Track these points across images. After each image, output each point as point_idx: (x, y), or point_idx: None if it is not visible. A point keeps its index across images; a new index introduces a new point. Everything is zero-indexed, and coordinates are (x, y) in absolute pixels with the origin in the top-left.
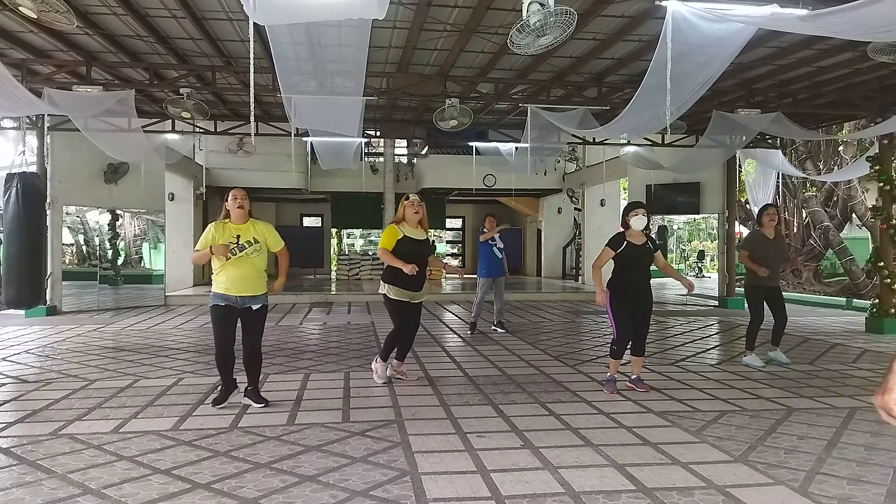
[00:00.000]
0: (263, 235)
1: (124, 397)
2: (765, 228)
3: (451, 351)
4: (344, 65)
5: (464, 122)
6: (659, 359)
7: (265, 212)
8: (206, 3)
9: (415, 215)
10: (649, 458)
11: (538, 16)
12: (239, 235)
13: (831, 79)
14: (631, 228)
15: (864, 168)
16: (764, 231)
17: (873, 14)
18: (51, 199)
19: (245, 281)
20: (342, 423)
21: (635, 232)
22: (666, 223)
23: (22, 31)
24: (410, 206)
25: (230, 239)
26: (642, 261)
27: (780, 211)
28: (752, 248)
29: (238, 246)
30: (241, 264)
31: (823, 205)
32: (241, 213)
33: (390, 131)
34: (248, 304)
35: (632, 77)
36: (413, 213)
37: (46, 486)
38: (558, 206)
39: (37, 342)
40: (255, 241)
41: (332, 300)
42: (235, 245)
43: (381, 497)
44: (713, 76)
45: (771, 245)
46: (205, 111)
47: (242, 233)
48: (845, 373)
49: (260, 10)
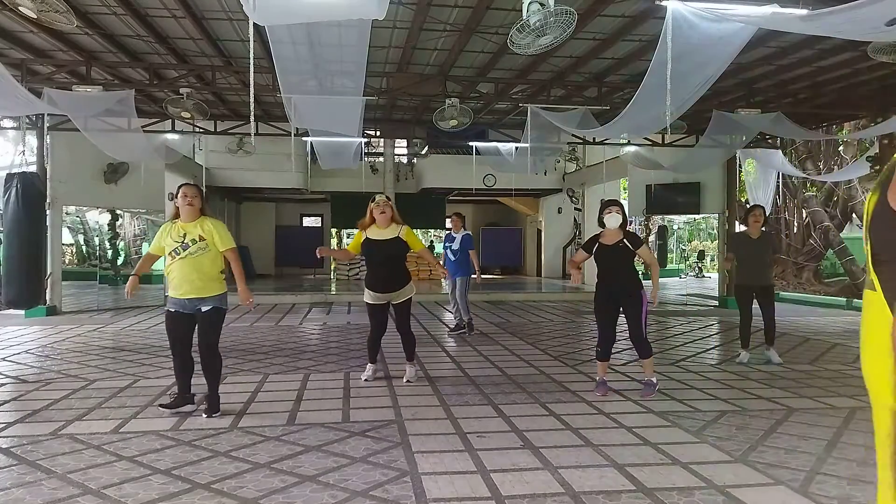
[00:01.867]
0: (210, 233)
1: (124, 397)
2: (749, 229)
3: (451, 351)
4: (344, 65)
5: (464, 122)
6: (659, 359)
7: (265, 212)
8: (206, 3)
9: (381, 216)
10: (649, 458)
11: (538, 16)
12: (185, 234)
13: (831, 79)
14: (606, 227)
15: (864, 168)
16: (748, 231)
17: (873, 14)
18: (51, 199)
19: (191, 282)
20: (342, 423)
21: (610, 231)
22: (666, 223)
23: (22, 31)
24: (376, 208)
25: (177, 238)
26: (617, 261)
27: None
28: (737, 250)
29: (182, 245)
30: (185, 265)
31: (823, 205)
32: (190, 210)
33: (390, 131)
34: (198, 305)
35: (632, 77)
36: (379, 213)
37: (46, 486)
38: (558, 206)
39: (37, 342)
40: (200, 240)
41: (332, 300)
42: (180, 244)
43: (381, 497)
44: (713, 76)
45: (753, 245)
46: (205, 111)
47: (188, 231)
48: (845, 373)
49: (260, 11)
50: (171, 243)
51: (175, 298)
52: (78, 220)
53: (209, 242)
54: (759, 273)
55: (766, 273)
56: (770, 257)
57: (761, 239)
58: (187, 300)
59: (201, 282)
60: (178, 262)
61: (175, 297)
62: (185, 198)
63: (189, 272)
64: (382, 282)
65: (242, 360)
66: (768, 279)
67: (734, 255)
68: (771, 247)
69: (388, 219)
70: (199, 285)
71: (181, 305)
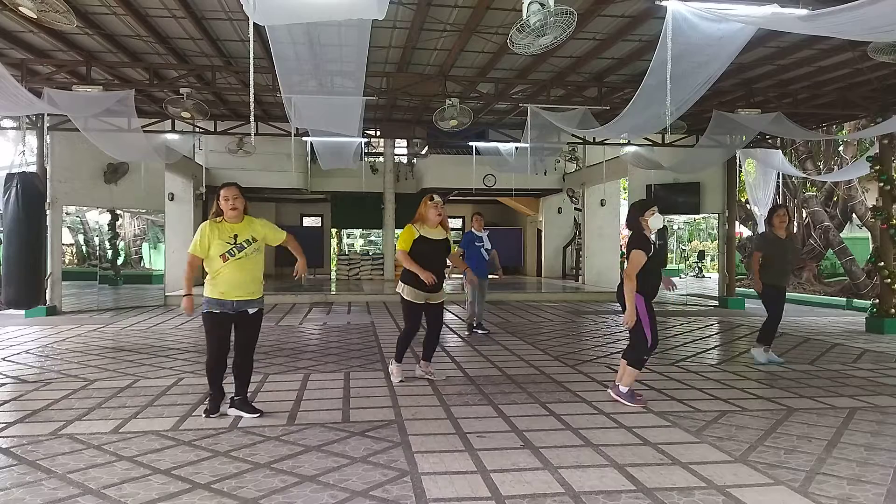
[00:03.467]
0: (262, 233)
1: (124, 397)
2: (776, 229)
3: (451, 351)
4: (344, 65)
5: (464, 122)
6: (659, 359)
7: (265, 212)
8: (206, 3)
9: (437, 217)
10: (649, 458)
11: (538, 16)
12: (237, 235)
13: (831, 79)
14: (648, 228)
15: (864, 168)
16: (776, 232)
17: (873, 14)
18: (51, 199)
19: (244, 285)
20: (342, 423)
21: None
22: (666, 223)
23: (22, 31)
24: (434, 208)
25: (228, 240)
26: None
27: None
28: (766, 249)
29: (236, 246)
30: (240, 266)
31: (823, 205)
32: (234, 214)
33: (390, 131)
34: (244, 308)
35: (632, 77)
36: (436, 214)
37: (46, 486)
38: (558, 206)
39: (37, 342)
40: (253, 240)
41: (332, 300)
42: (233, 245)
43: (381, 497)
44: (713, 76)
45: (783, 245)
46: (205, 111)
47: (240, 231)
48: (845, 373)
49: (260, 10)
50: (221, 244)
51: (221, 300)
52: (78, 220)
53: (262, 242)
54: (786, 273)
55: (790, 274)
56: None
57: (789, 239)
58: (235, 302)
59: (253, 284)
60: (234, 264)
61: (222, 299)
62: (228, 202)
63: (244, 274)
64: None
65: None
66: (788, 280)
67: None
68: (796, 247)
69: (439, 221)
70: (252, 288)
71: (228, 307)
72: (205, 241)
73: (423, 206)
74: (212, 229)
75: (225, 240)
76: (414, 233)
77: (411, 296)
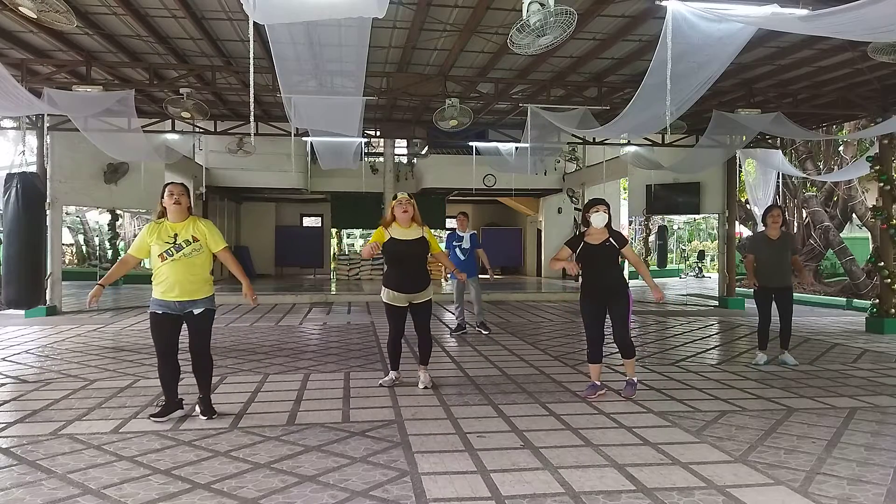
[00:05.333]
0: (203, 234)
1: (124, 397)
2: (768, 230)
3: (451, 351)
4: (344, 65)
5: (464, 122)
6: (659, 359)
7: (265, 212)
8: (206, 3)
9: (404, 214)
10: (649, 458)
11: (538, 16)
12: (176, 234)
13: (831, 79)
14: (591, 226)
15: (864, 168)
16: (767, 232)
17: (873, 14)
18: (51, 199)
19: (183, 284)
20: (342, 423)
21: (595, 230)
22: (666, 223)
23: (22, 31)
24: (399, 206)
25: (167, 239)
26: (602, 260)
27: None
28: (753, 249)
29: (175, 246)
30: (178, 266)
31: (823, 205)
32: (177, 209)
33: (390, 131)
34: (189, 308)
35: (632, 77)
36: (402, 212)
37: (46, 486)
38: (558, 206)
39: (37, 342)
40: (193, 240)
41: (332, 300)
42: (172, 245)
43: (381, 497)
44: (713, 76)
45: (773, 246)
46: (205, 111)
47: (180, 232)
48: (845, 373)
49: (260, 10)
50: (161, 244)
51: (163, 300)
52: (78, 220)
53: (203, 243)
54: (779, 275)
55: (786, 275)
56: (790, 258)
57: (781, 240)
58: (177, 302)
59: (194, 284)
60: (171, 264)
61: (164, 300)
62: (172, 196)
63: (182, 274)
64: (411, 282)
65: (243, 361)
66: (787, 281)
67: (754, 256)
68: (791, 248)
69: (409, 218)
70: (192, 287)
71: (170, 307)
72: (143, 242)
73: (388, 207)
74: (151, 231)
75: (164, 240)
76: (383, 236)
77: (389, 298)
